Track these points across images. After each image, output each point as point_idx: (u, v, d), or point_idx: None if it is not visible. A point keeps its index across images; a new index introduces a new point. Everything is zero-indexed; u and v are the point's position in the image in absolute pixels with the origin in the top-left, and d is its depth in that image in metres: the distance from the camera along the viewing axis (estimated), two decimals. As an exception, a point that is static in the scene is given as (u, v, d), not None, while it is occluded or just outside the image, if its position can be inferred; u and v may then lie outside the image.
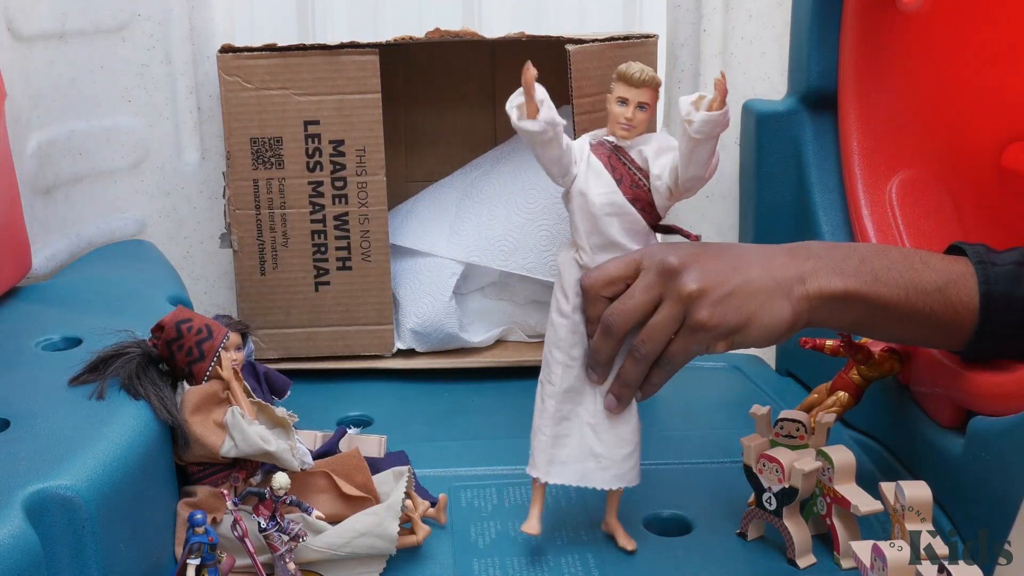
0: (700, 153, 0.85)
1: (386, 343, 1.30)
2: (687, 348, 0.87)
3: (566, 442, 0.91)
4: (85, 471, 0.75)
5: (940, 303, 0.88)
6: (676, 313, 0.86)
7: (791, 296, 0.86)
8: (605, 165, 0.88)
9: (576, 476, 0.91)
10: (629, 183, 0.88)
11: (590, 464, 0.90)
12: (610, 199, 0.88)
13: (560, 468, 0.91)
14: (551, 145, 0.87)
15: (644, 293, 0.86)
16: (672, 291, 0.86)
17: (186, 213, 1.39)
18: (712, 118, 0.82)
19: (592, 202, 0.88)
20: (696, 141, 0.84)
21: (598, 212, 0.88)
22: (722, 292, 0.85)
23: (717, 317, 0.85)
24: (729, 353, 1.37)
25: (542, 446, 0.91)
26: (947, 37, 1.08)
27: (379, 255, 1.28)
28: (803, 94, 1.25)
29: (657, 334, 0.87)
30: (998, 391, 0.87)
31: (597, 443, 0.90)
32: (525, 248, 1.30)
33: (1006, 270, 0.88)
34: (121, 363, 0.89)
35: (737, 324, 0.86)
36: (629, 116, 0.88)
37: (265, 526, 0.83)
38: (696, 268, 0.86)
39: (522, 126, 0.86)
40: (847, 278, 0.87)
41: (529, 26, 1.39)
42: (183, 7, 1.33)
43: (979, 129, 1.04)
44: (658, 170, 0.88)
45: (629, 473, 0.91)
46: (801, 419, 0.93)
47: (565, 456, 0.91)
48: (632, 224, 0.88)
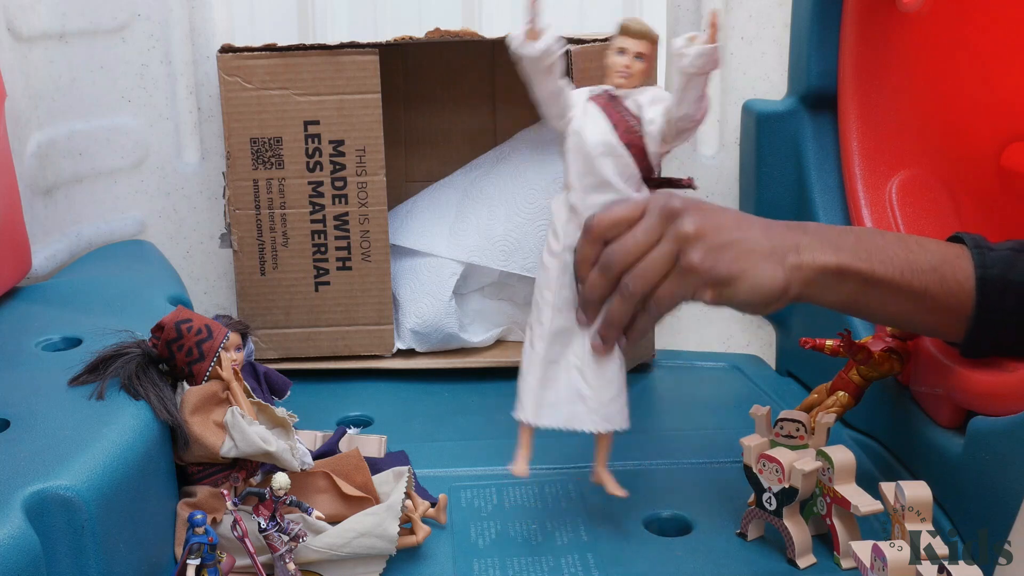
0: (692, 89, 0.87)
1: (386, 343, 1.30)
2: (675, 290, 0.87)
3: (554, 385, 0.91)
4: (85, 471, 0.75)
5: (935, 282, 0.88)
6: (669, 252, 0.86)
7: (784, 262, 0.86)
8: (603, 111, 0.91)
9: (564, 418, 0.91)
10: (624, 128, 0.90)
11: (578, 407, 0.91)
12: (604, 139, 0.90)
13: (549, 411, 0.91)
14: (549, 75, 0.90)
15: (644, 233, 0.87)
16: (670, 231, 0.86)
17: (186, 213, 1.39)
18: (704, 51, 0.86)
19: (586, 140, 0.90)
20: (688, 76, 0.87)
21: (592, 151, 0.90)
22: (718, 240, 0.86)
23: (708, 262, 0.85)
24: (729, 353, 1.38)
25: (530, 388, 0.92)
26: (947, 37, 1.08)
27: (379, 255, 1.28)
28: (803, 94, 1.26)
29: (648, 271, 0.87)
30: (998, 391, 0.87)
31: (584, 385, 0.91)
32: (525, 248, 1.30)
33: (1002, 255, 0.88)
34: (121, 363, 0.89)
35: (727, 275, 0.85)
36: (627, 64, 0.90)
37: (265, 526, 0.83)
38: (697, 214, 0.86)
39: (521, 50, 0.90)
40: (842, 253, 0.87)
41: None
42: (183, 7, 1.33)
43: (979, 129, 1.04)
44: (651, 115, 0.90)
45: (616, 416, 0.91)
46: (801, 419, 0.93)
47: (553, 398, 0.91)
48: (625, 167, 0.90)
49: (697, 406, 1.23)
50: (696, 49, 0.86)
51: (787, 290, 0.86)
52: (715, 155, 1.38)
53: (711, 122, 1.37)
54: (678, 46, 0.87)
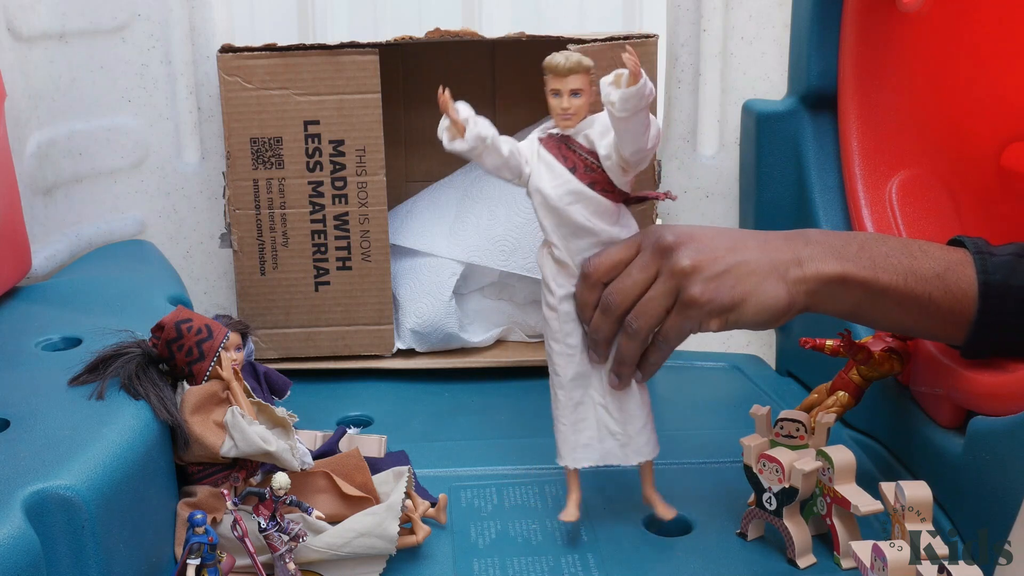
0: (632, 129, 0.86)
1: (386, 343, 1.30)
2: (680, 325, 0.88)
3: (584, 426, 0.93)
4: (85, 471, 0.75)
5: (939, 289, 0.88)
6: (669, 289, 0.87)
7: (787, 278, 0.87)
8: (556, 157, 0.90)
9: (598, 456, 0.94)
10: (583, 168, 0.89)
11: (609, 443, 0.93)
12: (567, 188, 0.89)
13: (583, 451, 0.94)
14: (488, 156, 0.89)
15: (641, 271, 0.88)
16: (666, 267, 0.87)
17: (186, 213, 1.39)
18: (631, 93, 0.83)
19: (549, 196, 0.89)
20: (622, 119, 0.85)
21: (558, 204, 0.89)
22: (716, 269, 0.86)
23: (709, 293, 0.86)
24: (729, 353, 1.38)
25: (563, 435, 0.94)
26: (947, 37, 1.08)
27: (379, 255, 1.28)
28: (803, 94, 1.26)
29: (649, 309, 0.88)
30: (998, 391, 0.87)
31: (611, 421, 0.93)
32: (525, 248, 1.30)
33: (1004, 260, 0.88)
34: (121, 363, 0.89)
35: (730, 302, 0.86)
36: (565, 106, 0.89)
37: (265, 526, 0.83)
38: (691, 245, 0.86)
39: (452, 148, 0.89)
40: (845, 262, 0.87)
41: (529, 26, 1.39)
42: (183, 7, 1.33)
43: (979, 129, 1.04)
44: (605, 150, 0.89)
45: (645, 447, 0.94)
46: (801, 419, 0.93)
47: (587, 439, 0.94)
48: (596, 206, 0.90)
49: (697, 406, 1.23)
50: (621, 93, 0.83)
51: (792, 305, 0.87)
52: (715, 155, 1.38)
53: (711, 122, 1.37)
54: (604, 93, 0.84)
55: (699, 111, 1.37)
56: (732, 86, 1.36)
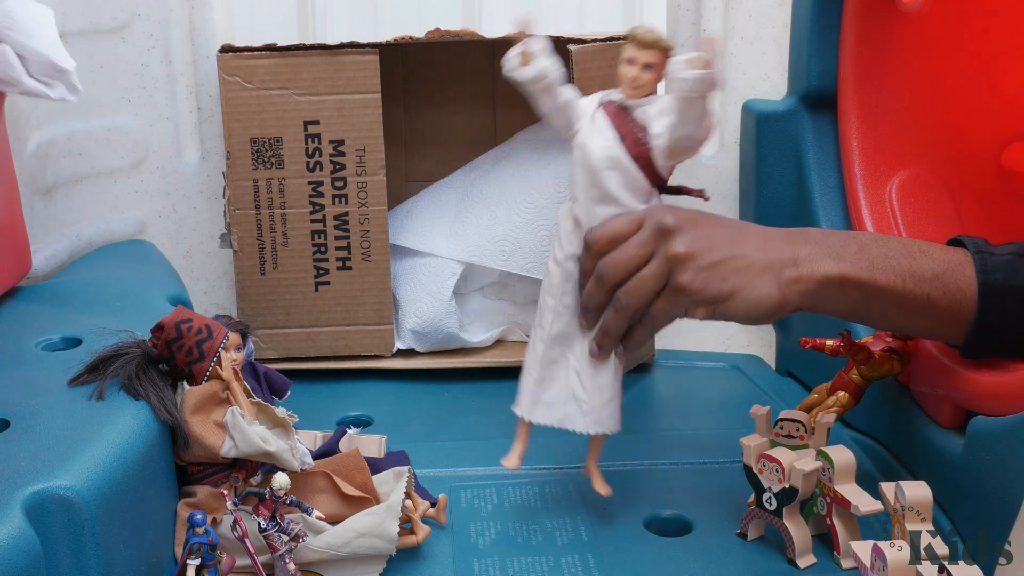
0: (690, 112, 0.87)
1: (386, 343, 1.30)
2: (667, 308, 0.89)
3: (551, 385, 0.94)
4: (85, 471, 0.75)
5: (938, 290, 0.88)
6: (660, 272, 0.87)
7: (780, 278, 0.87)
8: (611, 121, 0.91)
9: (557, 417, 0.94)
10: (632, 140, 0.90)
11: (572, 408, 0.93)
12: (609, 153, 0.90)
13: (544, 409, 0.94)
14: (548, 94, 0.90)
15: (638, 248, 0.88)
16: (662, 250, 0.87)
17: (186, 213, 1.39)
18: (703, 76, 0.84)
19: (590, 154, 0.90)
20: (685, 100, 0.86)
21: (596, 165, 0.90)
22: (709, 260, 0.86)
23: (699, 283, 0.86)
24: (729, 353, 1.38)
25: (528, 386, 0.94)
26: (947, 37, 1.08)
27: (379, 255, 1.28)
28: (803, 94, 1.25)
29: (639, 288, 0.88)
30: (998, 391, 0.87)
31: (580, 388, 0.93)
32: (525, 248, 1.30)
33: (1004, 260, 0.88)
34: (121, 363, 0.89)
35: (719, 294, 0.87)
36: (635, 75, 0.90)
37: (265, 526, 0.83)
38: (690, 232, 0.87)
39: (515, 75, 0.90)
40: (843, 263, 0.87)
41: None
42: (183, 7, 1.33)
43: (979, 129, 1.04)
44: (658, 129, 0.90)
45: (608, 420, 0.93)
46: (801, 419, 0.93)
47: (550, 398, 0.94)
48: (631, 180, 0.90)
49: (697, 406, 1.23)
50: (691, 74, 0.84)
51: (784, 304, 0.87)
52: (715, 155, 1.38)
53: (711, 122, 1.37)
54: (677, 69, 0.86)
55: (699, 111, 1.37)
56: (732, 86, 1.36)
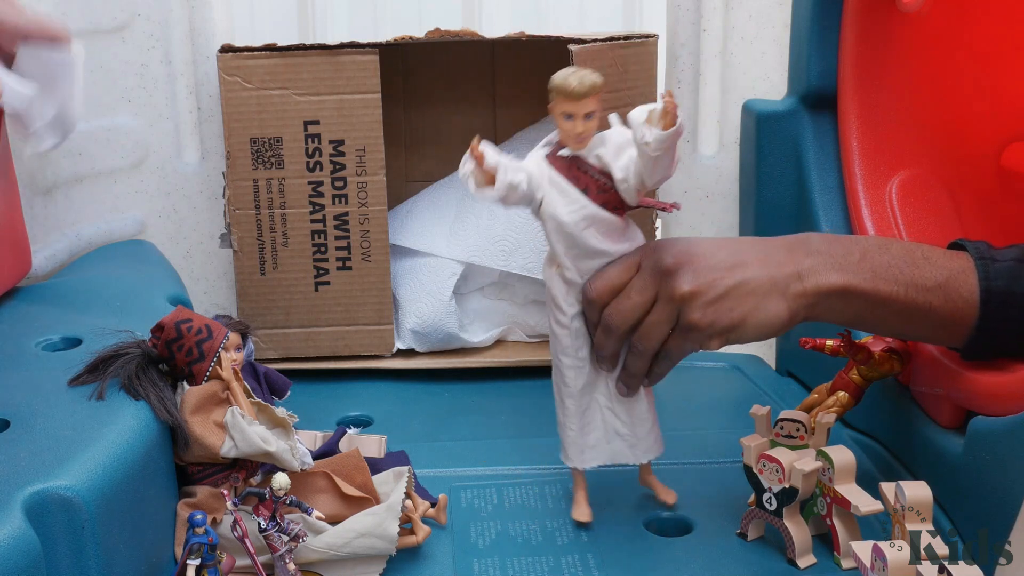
0: (662, 162, 0.85)
1: (386, 343, 1.30)
2: (681, 346, 0.90)
3: (591, 429, 0.95)
4: (85, 471, 0.75)
5: (940, 299, 0.88)
6: (668, 314, 0.88)
7: (787, 294, 0.87)
8: (568, 178, 0.88)
9: (607, 456, 0.96)
10: (596, 190, 0.88)
11: (618, 443, 0.95)
12: (582, 214, 0.88)
13: (591, 452, 0.96)
14: (514, 199, 0.89)
15: (639, 294, 0.88)
16: (665, 292, 0.87)
17: (186, 213, 1.38)
18: (667, 136, 0.83)
19: (565, 223, 0.88)
20: (655, 158, 0.84)
21: (573, 230, 0.89)
22: (714, 294, 0.86)
23: (708, 318, 0.86)
24: (729, 353, 1.38)
25: (572, 438, 0.95)
26: (947, 37, 1.08)
27: (379, 255, 1.28)
28: (803, 94, 1.25)
29: (652, 333, 0.89)
30: (998, 391, 0.87)
31: (619, 423, 0.95)
32: (525, 248, 1.30)
33: (1006, 266, 0.88)
34: (121, 363, 0.89)
35: (730, 324, 0.87)
36: (580, 130, 0.86)
37: (265, 526, 0.83)
38: (689, 269, 0.87)
39: (482, 196, 0.88)
40: (846, 274, 0.87)
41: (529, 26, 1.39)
42: (183, 7, 1.33)
43: (979, 129, 1.04)
44: (621, 173, 0.87)
45: (654, 445, 0.96)
46: (801, 419, 0.93)
47: (594, 441, 0.95)
48: (609, 227, 0.90)
49: (697, 406, 1.23)
50: (658, 135, 0.83)
51: (793, 318, 0.88)
52: (715, 155, 1.38)
53: (711, 122, 1.37)
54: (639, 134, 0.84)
55: (699, 111, 1.37)
56: (732, 86, 1.36)
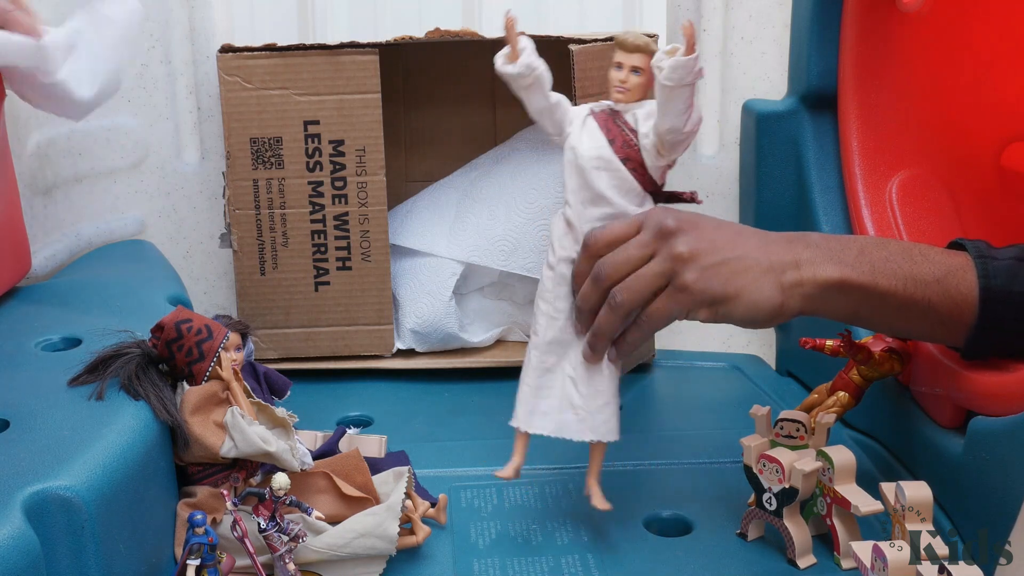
0: (674, 102, 0.87)
1: (386, 343, 1.30)
2: (668, 308, 0.88)
3: (548, 393, 0.93)
4: (85, 471, 0.75)
5: (938, 295, 0.88)
6: (663, 270, 0.87)
7: (782, 280, 0.87)
8: (600, 127, 0.92)
9: (554, 427, 0.92)
10: (621, 143, 0.91)
11: (568, 415, 0.92)
12: (598, 153, 0.90)
13: (540, 418, 0.93)
14: (534, 92, 0.91)
15: (638, 249, 0.88)
16: (664, 250, 0.87)
17: (186, 213, 1.39)
18: (680, 63, 0.85)
19: (581, 155, 0.91)
20: (668, 88, 0.87)
21: (586, 165, 0.90)
22: (713, 260, 0.86)
23: (703, 282, 0.86)
24: (729, 353, 1.38)
25: (524, 397, 0.93)
26: (947, 37, 1.08)
27: (379, 255, 1.28)
28: (803, 94, 1.25)
29: (637, 285, 0.87)
30: (998, 391, 0.87)
31: (576, 395, 0.92)
32: (525, 248, 1.30)
33: (1005, 264, 0.88)
34: (121, 363, 0.89)
35: (722, 294, 0.86)
36: (623, 79, 0.91)
37: (265, 526, 0.83)
38: (692, 233, 0.87)
39: (503, 70, 0.90)
40: (844, 267, 0.87)
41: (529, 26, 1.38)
42: (183, 7, 1.33)
43: (979, 129, 1.04)
44: (646, 128, 0.90)
45: (603, 426, 0.92)
46: (801, 419, 0.93)
47: (546, 407, 0.93)
48: (621, 181, 0.91)
49: (697, 406, 1.23)
50: (672, 61, 0.85)
51: (785, 307, 0.87)
52: (715, 155, 1.38)
53: (711, 122, 1.37)
54: (657, 58, 0.87)
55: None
56: (732, 86, 1.36)
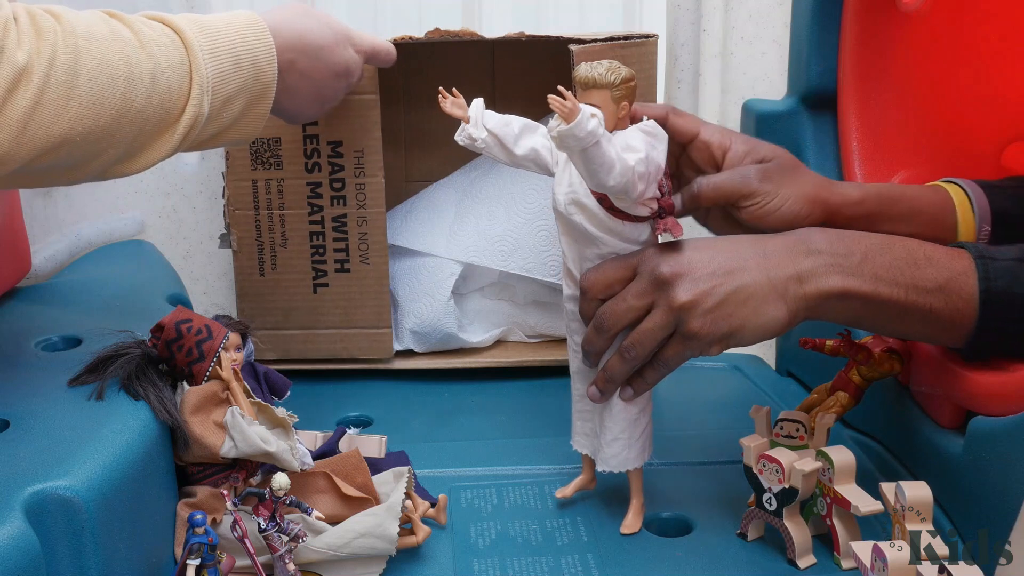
0: (586, 164, 0.83)
1: (385, 346, 1.29)
2: (681, 353, 0.89)
3: (586, 417, 0.97)
4: (85, 471, 0.75)
5: (941, 301, 0.88)
6: (666, 322, 0.88)
7: (787, 297, 0.87)
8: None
9: (591, 449, 0.97)
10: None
11: (596, 442, 0.96)
12: (572, 198, 0.89)
13: (582, 439, 0.98)
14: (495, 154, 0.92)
15: (636, 298, 0.88)
16: (663, 300, 0.87)
17: (186, 213, 1.39)
18: (563, 132, 0.80)
19: (557, 200, 0.90)
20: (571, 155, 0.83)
21: (563, 211, 0.90)
22: (713, 301, 0.86)
23: (708, 326, 0.86)
24: (729, 353, 1.37)
25: (573, 418, 0.98)
26: (947, 37, 1.08)
27: (377, 258, 1.27)
28: (803, 94, 1.25)
29: (646, 339, 0.89)
30: (998, 391, 0.87)
31: (593, 424, 0.96)
32: (525, 248, 1.30)
33: (1006, 266, 0.88)
34: (121, 363, 0.89)
35: (729, 331, 0.87)
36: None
37: (265, 527, 0.83)
38: (687, 278, 0.87)
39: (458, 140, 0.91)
40: (847, 277, 0.87)
41: (529, 26, 1.39)
42: (183, 7, 1.33)
43: (979, 129, 1.04)
44: None
45: (612, 459, 0.94)
46: (801, 419, 0.93)
47: (581, 429, 0.97)
48: (599, 221, 0.89)
49: (697, 406, 1.23)
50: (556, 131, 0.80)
51: (792, 321, 0.88)
52: (715, 155, 1.38)
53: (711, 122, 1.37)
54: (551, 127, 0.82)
55: (699, 111, 1.37)
56: (732, 86, 1.36)
